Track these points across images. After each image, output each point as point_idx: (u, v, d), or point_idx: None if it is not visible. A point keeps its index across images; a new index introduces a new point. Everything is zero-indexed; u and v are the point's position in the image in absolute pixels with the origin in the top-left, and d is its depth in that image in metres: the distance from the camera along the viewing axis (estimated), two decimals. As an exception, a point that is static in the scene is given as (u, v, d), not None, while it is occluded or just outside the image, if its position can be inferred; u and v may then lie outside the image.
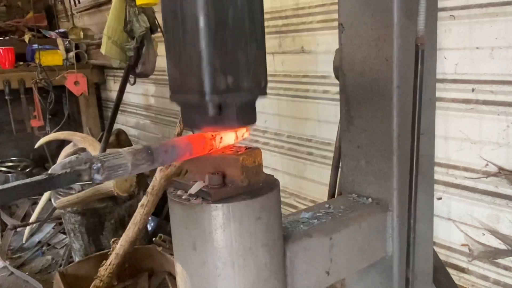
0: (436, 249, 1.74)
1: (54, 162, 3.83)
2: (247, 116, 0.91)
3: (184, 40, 0.84)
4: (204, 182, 0.90)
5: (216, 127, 0.89)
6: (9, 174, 4.81)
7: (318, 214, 1.20)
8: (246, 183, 0.90)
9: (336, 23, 1.32)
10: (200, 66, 0.82)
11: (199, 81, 0.83)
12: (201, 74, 0.83)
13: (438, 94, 1.39)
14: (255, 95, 0.91)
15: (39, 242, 3.87)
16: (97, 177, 0.72)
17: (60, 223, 3.88)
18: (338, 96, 1.41)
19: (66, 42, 4.97)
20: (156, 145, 0.81)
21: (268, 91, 0.92)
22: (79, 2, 5.39)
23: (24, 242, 3.84)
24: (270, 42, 2.68)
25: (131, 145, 4.17)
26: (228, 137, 0.94)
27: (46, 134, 4.29)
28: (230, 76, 0.85)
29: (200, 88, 0.83)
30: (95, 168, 0.72)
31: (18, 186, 0.67)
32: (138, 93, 4.61)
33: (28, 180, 0.68)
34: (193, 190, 0.89)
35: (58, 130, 4.16)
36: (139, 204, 2.62)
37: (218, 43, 0.83)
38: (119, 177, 0.75)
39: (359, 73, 1.27)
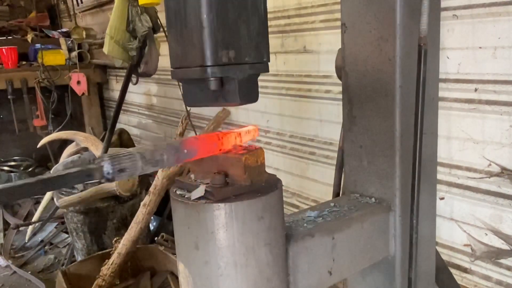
0: (439, 249, 1.74)
1: (56, 162, 3.84)
2: (249, 92, 0.90)
3: (185, 14, 0.83)
4: (205, 186, 0.89)
5: (217, 103, 0.88)
6: (12, 173, 4.82)
7: (324, 213, 1.20)
8: (248, 183, 0.90)
9: (338, 23, 1.32)
10: (202, 40, 0.81)
11: (201, 55, 0.82)
12: (202, 48, 0.81)
13: (440, 93, 1.38)
14: (257, 70, 0.90)
15: (42, 241, 3.88)
16: (108, 176, 0.72)
17: (63, 222, 3.89)
18: (340, 96, 1.41)
19: (69, 42, 4.98)
20: (165, 145, 0.81)
21: (270, 90, 0.91)
22: (81, 2, 5.39)
23: (26, 241, 3.85)
24: (273, 42, 2.67)
25: (134, 145, 4.19)
26: (234, 137, 0.94)
27: (48, 133, 4.30)
28: (231, 50, 0.84)
29: (201, 62, 0.82)
30: (106, 167, 0.72)
31: (31, 184, 0.68)
32: (140, 93, 4.61)
33: (41, 178, 0.69)
34: (195, 195, 0.88)
35: (60, 130, 4.17)
36: (141, 203, 2.63)
37: (219, 16, 0.82)
38: (129, 177, 0.75)
39: (361, 73, 1.27)
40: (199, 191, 0.88)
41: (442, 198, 1.87)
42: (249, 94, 0.90)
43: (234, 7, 0.84)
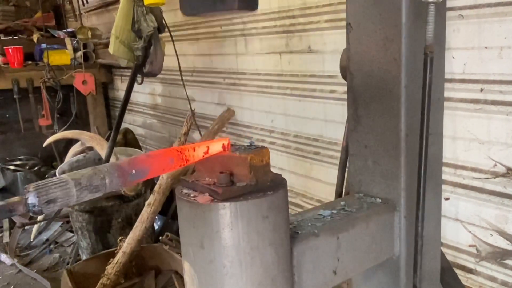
0: (444, 249, 1.74)
1: (62, 161, 3.86)
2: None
3: None
4: (210, 187, 0.88)
5: (215, 9, 0.86)
6: (17, 173, 4.85)
7: (333, 211, 1.21)
8: (254, 182, 0.90)
9: (343, 23, 1.32)
10: None
11: None
12: None
13: (446, 94, 1.38)
14: None
15: (47, 240, 3.90)
16: (34, 209, 0.66)
17: (68, 222, 3.91)
18: (345, 96, 1.41)
19: (74, 42, 5.00)
20: (108, 167, 0.75)
21: (274, 90, 0.92)
22: (87, 2, 5.41)
23: (32, 240, 3.87)
24: (277, 42, 2.68)
25: (138, 144, 4.18)
26: (199, 150, 0.89)
27: (54, 133, 4.31)
28: None
29: None
30: (30, 199, 0.66)
31: None
32: (145, 93, 4.63)
33: None
34: (200, 201, 0.88)
35: (66, 129, 4.19)
36: (146, 203, 2.64)
37: None
38: (62, 206, 0.69)
39: (366, 73, 1.27)
40: (204, 199, 0.88)
41: (447, 199, 1.87)
42: (249, 1, 0.88)
43: None
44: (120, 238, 2.65)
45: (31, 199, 0.65)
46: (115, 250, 2.61)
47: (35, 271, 3.42)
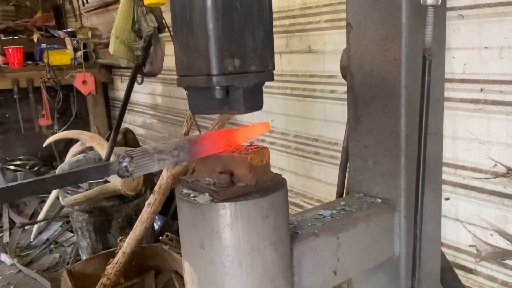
0: (444, 249, 1.74)
1: (62, 161, 3.86)
2: (254, 101, 0.91)
3: (191, 23, 0.85)
4: (210, 187, 0.90)
5: (222, 111, 0.89)
6: (18, 173, 4.85)
7: (333, 212, 1.21)
8: (254, 182, 0.90)
9: (343, 23, 1.32)
10: (208, 49, 0.83)
11: (207, 64, 0.83)
12: (208, 57, 0.83)
13: (446, 94, 1.38)
14: (262, 78, 0.91)
15: (47, 240, 3.90)
16: (125, 172, 0.75)
17: (68, 222, 3.91)
18: (345, 96, 1.41)
19: (74, 42, 5.00)
20: (179, 142, 0.82)
21: (275, 90, 0.92)
22: (87, 2, 5.41)
23: (32, 240, 3.87)
24: (277, 42, 2.68)
25: (139, 144, 4.18)
26: (246, 133, 0.95)
27: (54, 133, 4.31)
28: (237, 59, 0.85)
29: (207, 71, 0.84)
30: (123, 163, 0.74)
31: (49, 179, 0.71)
32: (145, 93, 4.63)
33: (58, 174, 0.72)
34: (200, 201, 0.89)
35: (66, 129, 4.18)
36: (146, 203, 2.64)
37: (225, 25, 0.83)
38: (145, 172, 0.78)
39: (366, 73, 1.27)
40: (204, 199, 0.88)
41: (447, 199, 1.87)
42: (254, 102, 0.91)
43: (240, 17, 0.85)
44: (120, 238, 2.65)
45: (125, 161, 0.74)
46: (115, 250, 2.61)
47: (35, 271, 3.42)
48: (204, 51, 0.83)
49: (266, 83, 0.95)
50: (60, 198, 3.08)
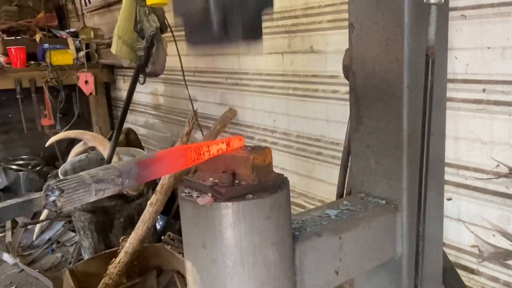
0: (446, 250, 1.73)
1: (64, 161, 3.87)
2: (252, 30, 0.89)
3: None
4: (212, 187, 0.89)
5: (220, 40, 0.88)
6: (20, 172, 4.86)
7: (336, 212, 1.21)
8: (256, 182, 0.90)
9: (346, 23, 1.32)
10: None
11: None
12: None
13: (448, 94, 1.38)
14: (261, 6, 0.90)
15: (49, 239, 3.91)
16: (53, 207, 0.67)
17: (70, 221, 3.92)
18: (347, 96, 1.41)
19: (77, 42, 5.01)
20: (125, 165, 0.76)
21: (277, 90, 0.92)
22: (89, 2, 5.42)
23: (34, 239, 3.88)
24: (280, 42, 2.68)
25: (140, 144, 4.18)
26: (214, 148, 0.91)
27: (56, 132, 4.32)
28: None
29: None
30: (51, 197, 0.66)
31: None
32: (147, 93, 4.63)
33: None
34: (201, 202, 0.88)
35: (68, 129, 4.20)
36: (148, 202, 2.64)
37: None
38: (78, 205, 0.70)
39: (369, 73, 1.26)
40: (205, 200, 0.88)
41: (449, 199, 1.86)
42: (252, 32, 0.90)
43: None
44: (122, 237, 2.65)
45: (54, 195, 0.66)
46: (117, 249, 2.61)
47: (37, 270, 3.43)
48: None
49: (268, 83, 0.95)
50: (63, 197, 3.08)
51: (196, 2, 0.84)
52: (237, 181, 0.91)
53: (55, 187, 0.66)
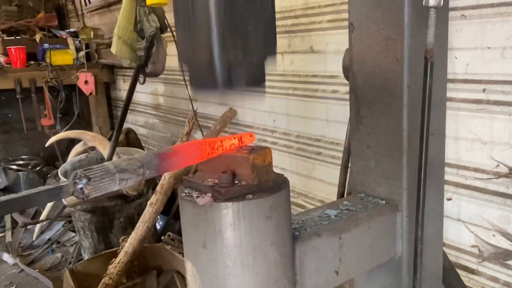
0: (446, 250, 1.73)
1: (64, 161, 3.87)
2: (257, 76, 0.91)
3: (194, 18, 0.85)
4: (212, 187, 0.89)
5: (224, 87, 0.89)
6: (20, 172, 4.85)
7: (336, 212, 1.21)
8: (256, 182, 0.90)
9: (346, 23, 1.32)
10: (210, 25, 0.82)
11: (209, 40, 0.83)
12: (210, 34, 0.83)
13: (448, 94, 1.38)
14: (265, 54, 0.91)
15: (49, 239, 3.91)
16: (80, 195, 0.69)
17: (70, 221, 3.91)
18: (347, 96, 1.41)
19: (77, 42, 5.01)
20: (145, 156, 0.78)
21: (277, 90, 0.92)
22: (89, 2, 5.42)
23: (34, 239, 3.88)
24: (279, 42, 2.66)
25: (140, 144, 4.17)
26: (227, 143, 0.93)
27: (56, 132, 4.32)
28: (238, 40, 0.85)
29: (209, 46, 0.83)
30: (79, 185, 0.68)
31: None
32: (147, 93, 4.63)
33: (4, 200, 0.67)
34: (201, 202, 0.88)
35: (68, 129, 4.20)
36: (148, 202, 2.64)
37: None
38: (103, 193, 0.72)
39: (369, 73, 1.27)
40: (205, 200, 0.88)
41: (449, 199, 1.86)
42: (257, 78, 0.91)
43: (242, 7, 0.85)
44: (122, 237, 2.65)
45: (81, 182, 0.69)
46: (117, 249, 2.61)
47: (37, 270, 3.43)
48: (207, 29, 0.83)
49: (268, 83, 0.94)
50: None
51: (201, 52, 0.85)
52: (237, 181, 0.91)
53: (83, 175, 0.69)
